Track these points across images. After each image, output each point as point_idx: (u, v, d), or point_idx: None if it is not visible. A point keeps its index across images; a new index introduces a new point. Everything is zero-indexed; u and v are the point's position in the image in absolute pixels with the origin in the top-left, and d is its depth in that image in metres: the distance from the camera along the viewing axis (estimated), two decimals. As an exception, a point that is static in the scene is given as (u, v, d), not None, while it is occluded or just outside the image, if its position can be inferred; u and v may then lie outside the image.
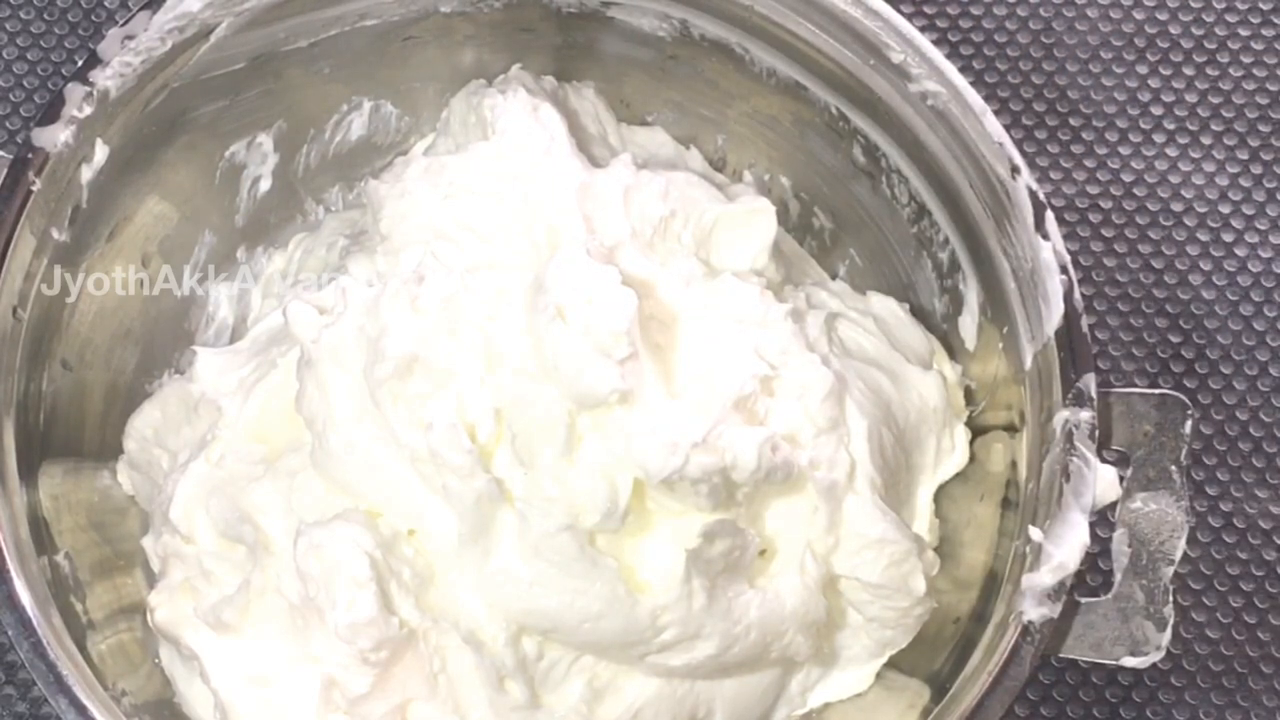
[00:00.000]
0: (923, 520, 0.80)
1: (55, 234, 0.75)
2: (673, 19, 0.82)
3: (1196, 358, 0.93)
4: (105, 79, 0.75)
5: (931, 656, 0.76)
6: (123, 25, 0.75)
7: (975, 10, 0.99)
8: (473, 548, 0.71)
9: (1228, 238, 0.95)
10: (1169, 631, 0.70)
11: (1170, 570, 0.70)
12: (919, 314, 0.84)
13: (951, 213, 0.78)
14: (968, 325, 0.80)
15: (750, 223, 0.79)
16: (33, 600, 0.69)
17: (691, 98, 0.87)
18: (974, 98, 0.75)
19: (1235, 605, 0.88)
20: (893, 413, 0.77)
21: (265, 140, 0.85)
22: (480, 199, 0.76)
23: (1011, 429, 0.76)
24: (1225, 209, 0.96)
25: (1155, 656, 0.69)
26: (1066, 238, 0.83)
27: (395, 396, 0.71)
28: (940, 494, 0.81)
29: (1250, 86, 0.98)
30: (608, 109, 0.87)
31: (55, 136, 0.74)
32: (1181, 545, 0.70)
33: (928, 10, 0.99)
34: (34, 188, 0.73)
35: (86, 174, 0.76)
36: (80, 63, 0.75)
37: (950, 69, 0.75)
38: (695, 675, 0.74)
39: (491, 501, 0.70)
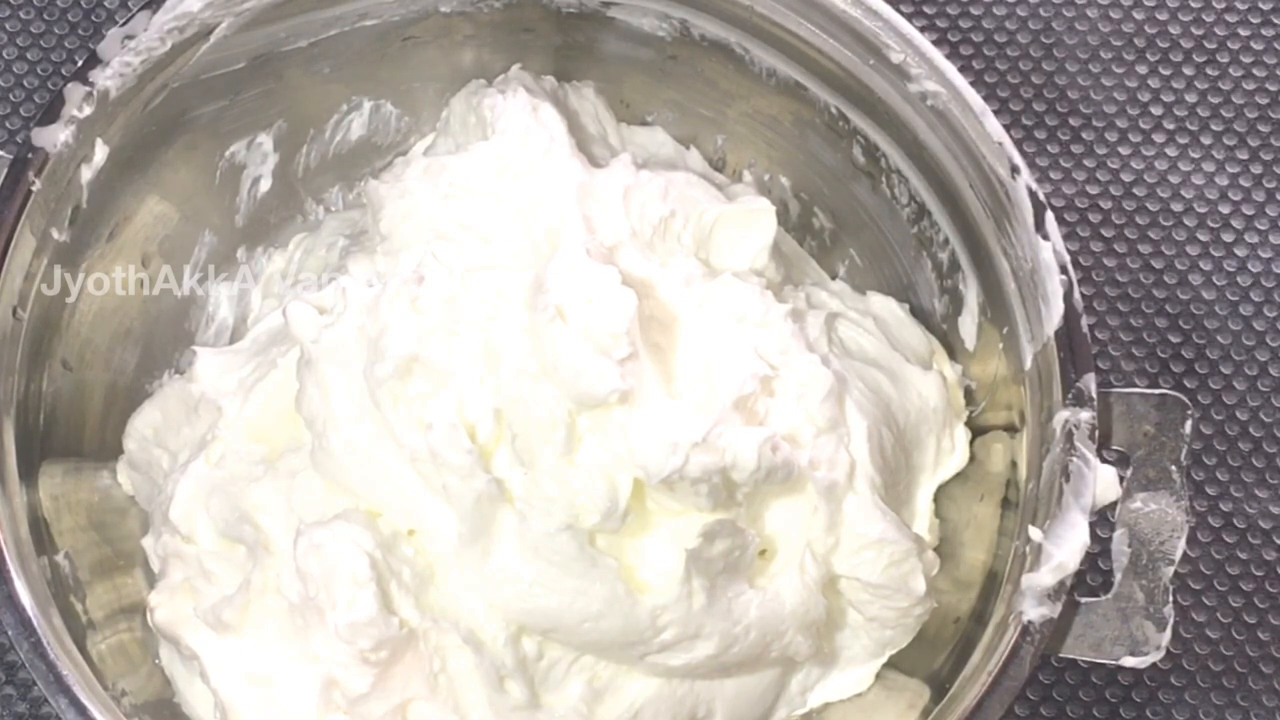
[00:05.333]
0: (923, 520, 0.80)
1: (55, 234, 0.75)
2: (673, 19, 0.82)
3: (1196, 358, 0.93)
4: (105, 79, 0.75)
5: (931, 656, 0.76)
6: (123, 25, 0.75)
7: (975, 10, 0.99)
8: (473, 548, 0.71)
9: (1228, 238, 0.95)
10: (1169, 631, 0.70)
11: (1170, 570, 0.70)
12: (919, 314, 0.84)
13: (951, 213, 0.78)
14: (968, 325, 0.80)
15: (750, 223, 0.79)
16: (33, 600, 0.69)
17: (691, 98, 0.87)
18: (974, 98, 0.75)
19: (1235, 605, 0.88)
20: (893, 413, 0.77)
21: (265, 140, 0.85)
22: (480, 199, 0.76)
23: (1011, 429, 0.76)
24: (1225, 209, 0.95)
25: (1155, 656, 0.69)
26: (1066, 238, 0.83)
27: (395, 397, 0.71)
28: (940, 494, 0.81)
29: (1250, 86, 0.98)
30: (608, 109, 0.87)
31: (55, 136, 0.74)
32: (1181, 545, 0.70)
33: (928, 10, 0.99)
34: (34, 188, 0.73)
35: (86, 174, 0.76)
36: (80, 63, 0.75)
37: (950, 69, 0.75)
38: (695, 675, 0.74)
39: (491, 501, 0.70)
